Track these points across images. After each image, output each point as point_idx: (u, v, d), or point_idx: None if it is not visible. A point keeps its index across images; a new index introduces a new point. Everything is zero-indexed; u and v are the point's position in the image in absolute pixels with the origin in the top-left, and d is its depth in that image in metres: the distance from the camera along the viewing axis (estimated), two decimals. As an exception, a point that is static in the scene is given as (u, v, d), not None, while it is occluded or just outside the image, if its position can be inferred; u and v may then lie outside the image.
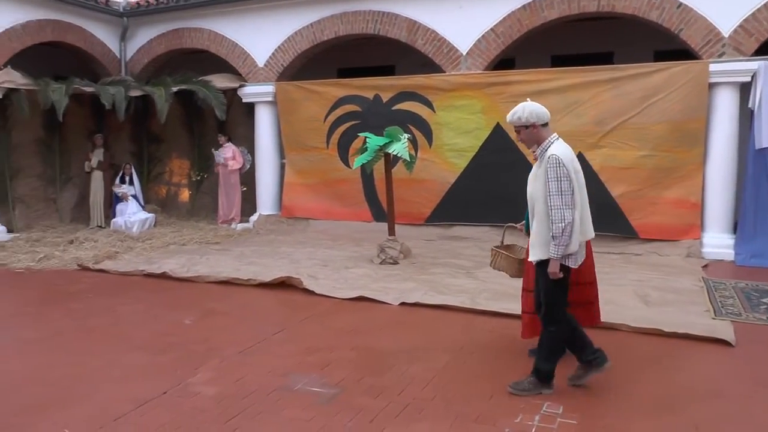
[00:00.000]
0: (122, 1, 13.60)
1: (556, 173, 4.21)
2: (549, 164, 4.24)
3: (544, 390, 4.48)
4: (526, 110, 4.43)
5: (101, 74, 13.56)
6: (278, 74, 12.24)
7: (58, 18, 12.46)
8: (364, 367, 5.03)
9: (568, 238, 4.21)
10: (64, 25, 12.63)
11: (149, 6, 13.29)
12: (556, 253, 4.23)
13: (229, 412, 4.25)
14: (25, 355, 5.67)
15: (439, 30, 10.76)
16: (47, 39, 12.38)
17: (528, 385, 4.48)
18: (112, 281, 8.56)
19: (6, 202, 11.97)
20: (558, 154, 4.26)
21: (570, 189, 4.22)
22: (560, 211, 4.18)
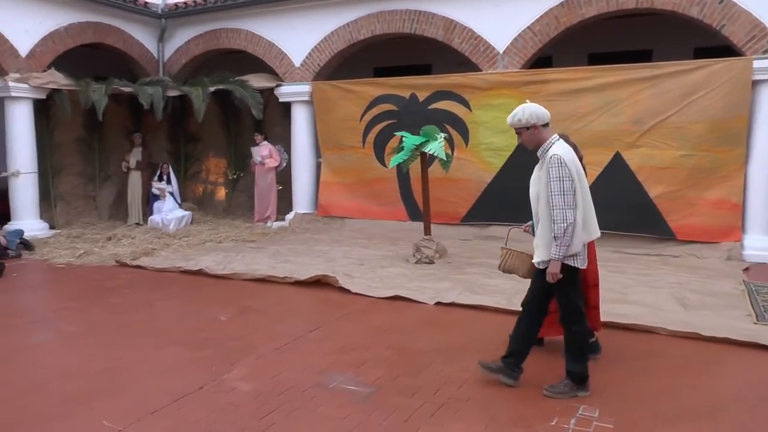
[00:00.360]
0: (160, 3, 13.79)
1: (558, 173, 4.20)
2: (551, 164, 4.23)
3: (580, 392, 4.43)
4: (526, 112, 4.42)
5: (139, 75, 13.78)
6: (314, 74, 12.29)
7: (98, 20, 12.70)
8: (400, 366, 5.02)
9: (570, 238, 4.21)
10: (105, 27, 12.87)
11: (187, 7, 13.45)
12: (558, 254, 4.22)
13: (264, 408, 4.27)
14: (67, 348, 5.81)
15: (476, 28, 10.70)
16: (88, 41, 12.64)
17: (564, 388, 4.44)
18: (150, 277, 8.69)
19: (48, 200, 12.30)
20: (560, 154, 4.25)
21: (572, 189, 4.20)
22: (562, 211, 4.18)
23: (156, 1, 13.73)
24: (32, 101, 11.66)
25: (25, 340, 6.07)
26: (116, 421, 4.13)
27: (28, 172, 11.68)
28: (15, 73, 11.31)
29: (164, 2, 13.83)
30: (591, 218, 4.43)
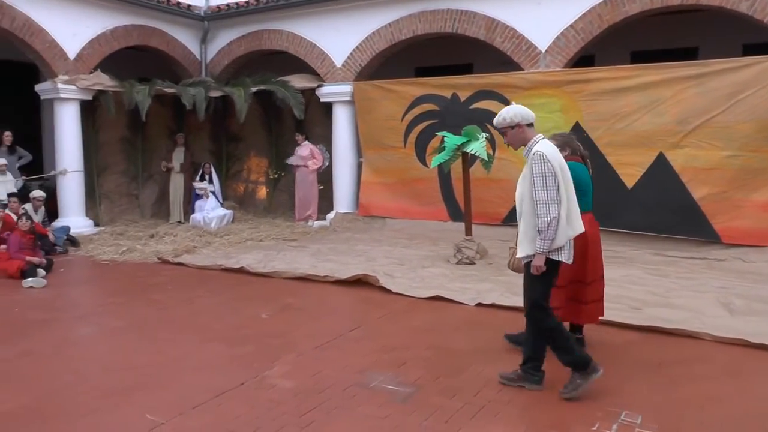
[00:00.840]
0: (203, 6, 13.96)
1: (540, 169, 4.27)
2: (534, 161, 4.30)
3: (593, 375, 4.39)
4: (510, 111, 4.51)
5: (182, 76, 13.98)
6: (356, 74, 12.33)
7: (143, 23, 12.93)
8: (440, 367, 5.00)
9: (554, 232, 4.26)
10: (149, 30, 13.10)
11: (229, 9, 13.60)
12: (542, 248, 4.28)
13: (304, 406, 4.29)
14: (112, 342, 5.94)
15: (518, 27, 10.63)
16: (133, 43, 12.88)
17: (580, 380, 4.40)
18: (191, 274, 8.81)
19: (93, 198, 12.55)
20: (542, 151, 4.32)
21: (555, 185, 4.26)
22: (546, 205, 4.24)
23: (199, 4, 13.91)
24: (79, 102, 11.92)
25: (71, 334, 6.26)
26: (158, 414, 4.20)
27: (74, 171, 11.94)
28: (63, 75, 11.57)
29: (207, 4, 13.99)
30: (575, 213, 4.46)
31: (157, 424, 4.06)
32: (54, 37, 11.43)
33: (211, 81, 13.42)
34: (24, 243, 8.77)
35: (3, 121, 11.90)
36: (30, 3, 11.00)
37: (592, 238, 5.09)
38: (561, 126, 10.29)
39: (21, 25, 10.95)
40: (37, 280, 8.17)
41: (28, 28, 11.06)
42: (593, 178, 5.40)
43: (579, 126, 10.07)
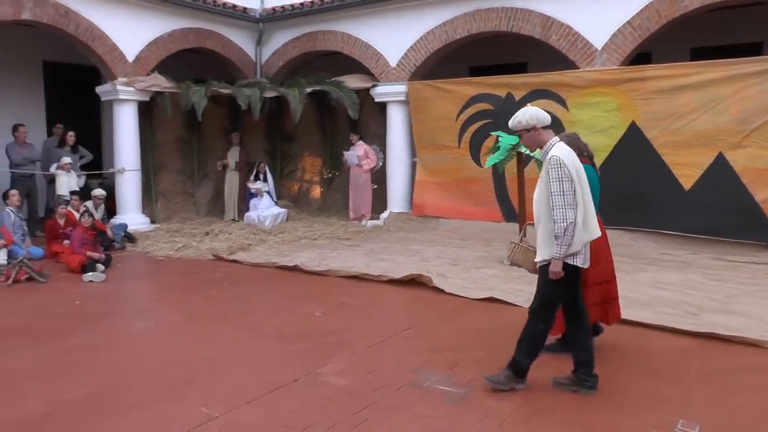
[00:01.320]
0: (258, 8, 14.14)
1: (557, 174, 4.25)
2: (550, 165, 4.28)
3: (517, 385, 4.51)
4: (526, 114, 4.49)
5: (237, 77, 14.17)
6: (410, 74, 12.32)
7: (199, 26, 13.19)
8: (493, 368, 4.91)
9: (571, 237, 4.24)
10: (205, 33, 13.33)
11: (284, 11, 13.74)
12: (559, 253, 4.26)
13: (358, 404, 4.30)
14: (168, 337, 6.07)
15: (574, 25, 10.46)
16: (189, 45, 13.14)
17: (503, 379, 4.49)
18: (245, 272, 8.92)
19: (150, 196, 12.83)
20: (559, 155, 4.30)
21: (571, 189, 4.24)
22: (562, 210, 4.22)
23: (254, 7, 14.09)
24: (137, 103, 12.22)
25: (129, 327, 6.43)
26: (213, 407, 4.26)
27: (132, 170, 12.23)
28: (122, 77, 11.86)
29: (262, 7, 14.17)
30: (591, 217, 4.44)
31: (212, 417, 4.12)
32: (114, 41, 11.74)
33: (266, 82, 13.58)
34: (86, 239, 9.04)
35: (66, 122, 12.29)
36: (93, 9, 11.33)
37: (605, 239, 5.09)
38: (617, 125, 10.12)
39: (84, 31, 11.28)
40: (96, 275, 8.39)
41: (91, 33, 11.38)
42: (652, 181, 5.27)
43: (635, 125, 9.88)
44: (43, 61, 13.65)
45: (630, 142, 10.00)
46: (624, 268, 8.22)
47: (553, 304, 4.49)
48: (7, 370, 5.08)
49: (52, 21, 10.81)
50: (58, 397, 4.50)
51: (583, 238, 4.33)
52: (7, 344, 5.76)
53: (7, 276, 8.22)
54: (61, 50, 12.85)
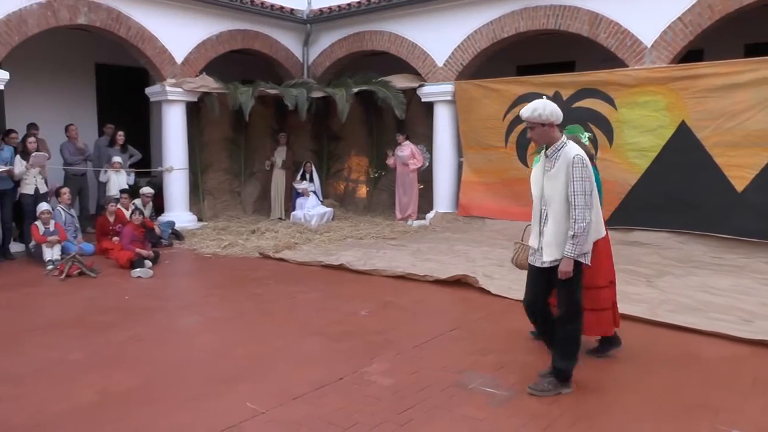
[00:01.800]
0: (305, 9, 14.24)
1: (581, 173, 4.27)
2: (575, 164, 4.28)
3: (563, 390, 4.46)
4: (547, 108, 4.44)
5: (284, 77, 14.29)
6: (457, 73, 12.26)
7: (247, 28, 13.34)
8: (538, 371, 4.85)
9: (586, 237, 4.29)
10: (252, 34, 13.47)
11: (331, 12, 13.80)
12: (573, 252, 4.28)
13: (403, 404, 4.29)
14: (215, 332, 6.15)
15: (623, 22, 10.27)
16: (237, 47, 13.30)
17: (548, 386, 4.45)
18: (291, 270, 8.98)
19: (197, 194, 13.02)
20: (582, 155, 4.33)
21: (591, 189, 4.29)
22: (583, 211, 4.25)
23: (301, 8, 14.20)
24: (185, 103, 12.43)
25: (176, 322, 6.54)
26: (259, 403, 4.31)
27: (180, 168, 12.44)
28: (171, 78, 12.07)
29: (309, 8, 14.28)
30: (600, 217, 4.53)
31: (258, 413, 4.16)
32: (164, 44, 11.95)
33: (313, 82, 13.69)
34: (136, 236, 9.22)
35: (116, 122, 12.56)
36: (143, 13, 11.56)
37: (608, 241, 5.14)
38: (666, 125, 9.90)
39: (135, 34, 11.52)
40: (144, 271, 8.54)
41: (141, 35, 11.61)
42: (702, 182, 5.18)
43: (685, 125, 9.66)
44: (95, 63, 14.01)
45: (679, 142, 9.78)
46: (672, 272, 8.12)
47: (578, 302, 4.47)
48: (61, 361, 5.23)
49: (104, 25, 11.08)
50: (107, 389, 4.60)
51: (593, 237, 4.39)
52: (61, 336, 5.92)
53: (61, 271, 8.47)
54: (112, 53, 13.14)
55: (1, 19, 9.81)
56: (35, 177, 9.85)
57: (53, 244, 9.13)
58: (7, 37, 9.90)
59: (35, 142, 10.04)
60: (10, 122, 11.34)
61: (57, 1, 10.35)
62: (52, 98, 13.02)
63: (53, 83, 13.13)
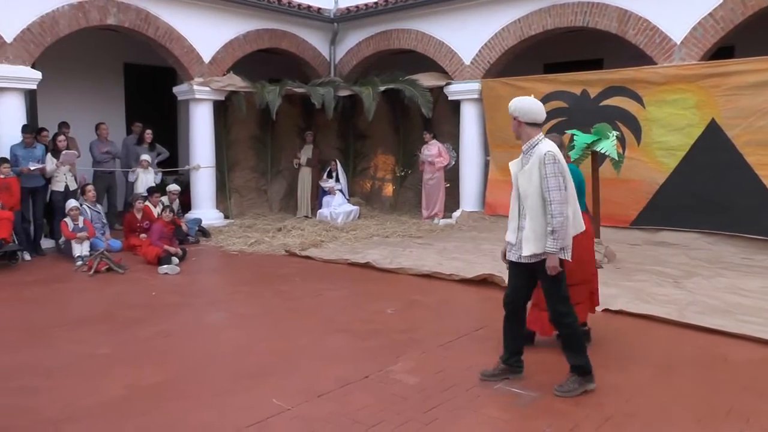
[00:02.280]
0: (333, 8, 14.26)
1: (553, 169, 4.29)
2: (547, 161, 4.30)
3: (588, 386, 4.47)
4: (519, 104, 4.51)
5: (311, 76, 14.35)
6: (484, 71, 12.23)
7: (274, 27, 13.41)
8: (564, 372, 4.80)
9: (565, 232, 4.31)
10: (280, 33, 13.54)
11: (358, 11, 13.82)
12: (555, 247, 4.30)
13: (428, 403, 4.29)
14: (241, 329, 6.20)
15: (652, 18, 10.14)
16: (264, 46, 13.38)
17: (572, 385, 4.44)
18: (317, 268, 9.01)
19: (224, 192, 13.13)
20: (554, 151, 4.33)
21: (565, 184, 4.32)
22: (560, 205, 4.27)
23: (328, 7, 14.23)
24: (212, 102, 12.55)
25: (203, 318, 6.60)
26: (285, 400, 4.33)
27: (207, 167, 12.55)
28: (199, 77, 12.17)
29: (336, 7, 14.30)
30: (578, 212, 4.55)
31: (284, 409, 4.19)
32: (191, 43, 12.06)
33: (340, 80, 13.72)
34: (164, 233, 9.31)
35: (144, 121, 12.69)
36: (171, 13, 11.68)
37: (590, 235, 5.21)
38: (696, 123, 9.75)
39: (163, 34, 11.64)
40: (171, 267, 8.64)
41: (169, 35, 11.73)
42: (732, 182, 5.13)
43: (715, 123, 9.53)
44: (124, 63, 14.19)
45: (709, 140, 9.65)
46: (700, 273, 8.03)
47: (566, 296, 4.49)
48: (90, 356, 5.31)
49: (133, 25, 11.21)
50: (135, 383, 4.66)
51: (571, 231, 4.42)
52: (90, 331, 6.01)
53: (89, 266, 8.59)
54: (140, 52, 13.30)
55: (34, 21, 10.01)
56: (65, 175, 10.03)
57: (82, 240, 9.27)
58: (40, 38, 10.10)
59: (65, 141, 10.22)
60: (42, 121, 11.58)
61: (88, 2, 10.52)
62: (81, 97, 13.21)
63: (83, 83, 13.32)
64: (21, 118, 9.99)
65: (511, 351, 4.72)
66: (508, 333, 4.73)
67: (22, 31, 9.92)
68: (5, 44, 9.77)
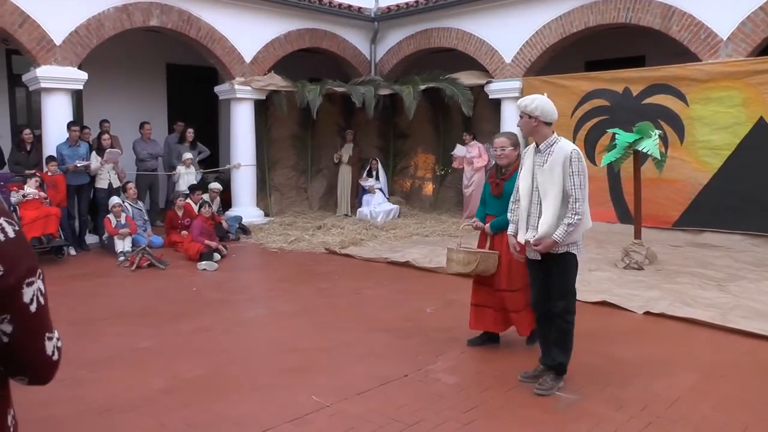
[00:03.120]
0: (373, 7, 14.28)
1: (579, 168, 4.35)
2: (573, 158, 4.36)
3: (560, 383, 4.51)
4: (535, 102, 4.50)
5: (352, 75, 14.39)
6: (525, 69, 12.13)
7: (315, 27, 13.49)
8: (605, 375, 4.80)
9: (577, 230, 4.38)
10: (320, 33, 13.61)
11: (399, 10, 13.82)
12: (561, 237, 4.34)
13: (467, 403, 4.27)
14: (280, 325, 6.28)
15: (697, 14, 9.91)
16: (305, 46, 13.47)
17: (552, 383, 4.48)
18: (357, 266, 9.05)
19: (264, 190, 13.24)
20: (579, 151, 4.43)
21: (586, 184, 4.38)
22: (581, 204, 4.35)
23: (369, 6, 14.25)
24: (253, 102, 12.67)
25: (243, 314, 6.68)
26: (324, 396, 4.35)
27: (247, 165, 12.69)
28: (240, 77, 12.30)
29: (377, 6, 14.31)
30: (588, 212, 4.53)
31: (323, 406, 4.20)
32: (233, 44, 12.20)
33: (380, 79, 13.76)
34: (205, 229, 9.43)
35: (186, 119, 12.86)
36: (213, 14, 11.83)
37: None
38: (742, 122, 9.52)
39: (205, 34, 11.80)
40: (209, 264, 8.77)
41: (211, 36, 11.88)
42: None
43: (763, 122, 9.32)
44: (166, 63, 14.40)
45: (756, 140, 9.44)
46: (746, 276, 7.87)
47: (574, 292, 4.55)
48: (132, 349, 5.42)
49: (175, 26, 11.39)
50: (176, 376, 4.74)
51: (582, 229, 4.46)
52: (132, 325, 6.14)
53: (132, 262, 8.75)
54: (182, 53, 13.48)
55: (81, 24, 10.25)
56: (109, 172, 10.25)
57: (124, 236, 9.43)
58: (86, 40, 10.33)
59: (109, 139, 10.46)
60: (86, 120, 11.84)
61: (132, 4, 10.71)
62: (125, 97, 13.44)
63: (126, 82, 13.54)
64: (67, 118, 10.24)
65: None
66: (544, 335, 4.69)
67: (69, 33, 10.17)
68: (54, 47, 10.02)
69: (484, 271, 5.16)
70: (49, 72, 10.00)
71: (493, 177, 5.35)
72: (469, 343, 5.43)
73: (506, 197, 4.96)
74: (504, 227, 4.93)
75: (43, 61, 9.96)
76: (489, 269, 5.14)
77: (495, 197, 5.25)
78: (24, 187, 9.16)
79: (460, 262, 5.22)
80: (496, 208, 5.22)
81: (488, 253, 5.16)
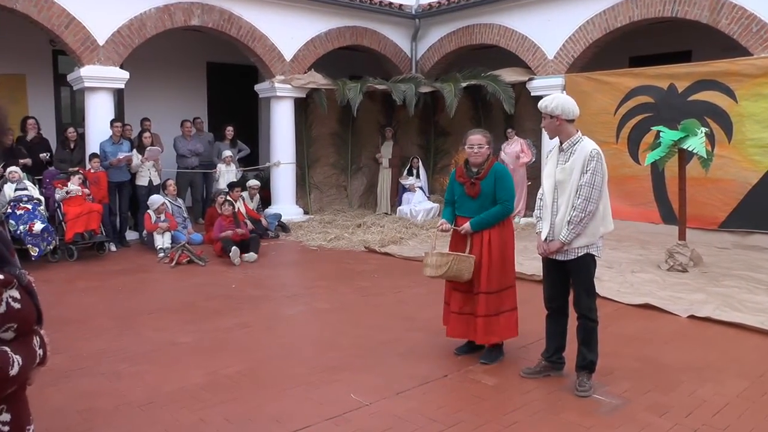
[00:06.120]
0: (414, 4, 14.22)
1: (596, 167, 4.36)
2: (591, 157, 4.37)
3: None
4: (554, 102, 4.56)
5: (392, 72, 14.34)
6: (568, 66, 11.94)
7: (356, 24, 13.46)
8: (649, 380, 4.68)
9: (582, 228, 4.37)
10: (361, 30, 13.58)
11: (440, 6, 13.74)
12: (567, 237, 4.37)
13: (507, 405, 4.22)
14: (319, 322, 6.28)
15: (748, 5, 9.54)
16: (346, 44, 13.45)
17: (589, 383, 4.46)
18: (397, 264, 9.01)
19: (304, 188, 13.28)
20: (599, 151, 4.44)
21: (600, 185, 4.37)
22: (586, 201, 4.33)
23: (410, 3, 14.20)
24: (293, 99, 12.71)
25: (282, 311, 6.69)
26: (363, 395, 4.34)
27: (287, 163, 12.73)
28: (280, 75, 12.36)
29: (418, 3, 14.26)
30: (608, 211, 4.55)
31: (362, 404, 4.19)
32: (273, 42, 12.25)
33: (421, 77, 13.69)
34: (224, 227, 9.40)
35: (226, 117, 12.94)
36: (253, 13, 11.91)
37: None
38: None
39: (246, 33, 11.88)
40: (250, 255, 8.93)
41: (252, 35, 11.94)
42: None
43: None
44: (206, 62, 14.54)
45: None
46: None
47: (595, 292, 4.61)
48: (172, 343, 5.48)
49: (216, 25, 11.48)
50: (215, 371, 4.77)
51: (600, 230, 4.47)
52: (172, 320, 6.21)
53: (171, 258, 8.84)
54: (222, 51, 13.59)
55: (124, 24, 10.41)
56: (149, 170, 10.38)
57: (163, 230, 9.53)
58: (129, 40, 10.49)
59: (150, 137, 10.58)
60: (128, 118, 12.01)
61: (173, 4, 10.83)
62: (166, 95, 13.63)
63: (167, 81, 13.72)
64: (109, 116, 10.44)
65: (554, 348, 4.75)
66: (551, 330, 4.76)
67: (112, 33, 10.34)
68: (98, 47, 10.19)
69: (456, 277, 4.92)
70: (92, 71, 10.19)
71: (464, 176, 5.19)
72: (456, 352, 5.22)
73: (483, 197, 4.93)
74: (488, 225, 4.90)
75: (87, 61, 10.15)
76: (462, 274, 4.88)
77: (470, 197, 5.05)
78: (68, 183, 9.34)
79: (433, 266, 4.98)
80: (471, 209, 5.03)
81: (463, 256, 4.90)
